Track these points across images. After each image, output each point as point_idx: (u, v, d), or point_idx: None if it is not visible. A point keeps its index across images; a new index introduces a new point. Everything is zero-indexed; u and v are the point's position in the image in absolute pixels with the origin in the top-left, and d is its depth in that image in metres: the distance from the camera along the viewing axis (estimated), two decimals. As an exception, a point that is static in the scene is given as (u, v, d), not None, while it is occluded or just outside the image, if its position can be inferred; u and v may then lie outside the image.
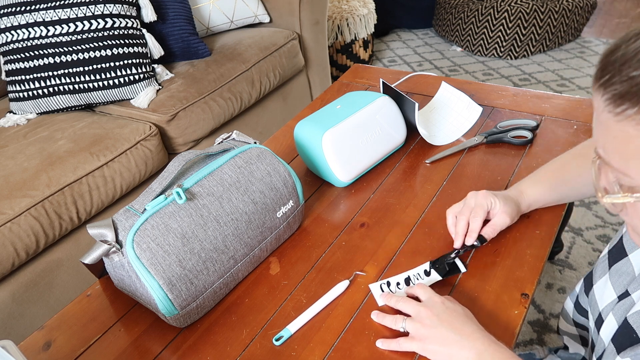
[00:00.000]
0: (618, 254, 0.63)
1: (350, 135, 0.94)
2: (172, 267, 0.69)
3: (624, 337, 0.57)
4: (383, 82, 1.08)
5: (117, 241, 0.70)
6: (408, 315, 0.68)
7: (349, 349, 0.69)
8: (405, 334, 0.68)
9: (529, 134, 1.03)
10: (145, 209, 0.70)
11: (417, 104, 1.01)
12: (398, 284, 0.76)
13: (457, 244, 0.79)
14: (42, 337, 0.75)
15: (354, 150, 0.95)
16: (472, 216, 0.78)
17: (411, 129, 1.07)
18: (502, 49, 2.89)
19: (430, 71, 2.86)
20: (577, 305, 0.72)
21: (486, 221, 0.80)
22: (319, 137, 0.93)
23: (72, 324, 0.77)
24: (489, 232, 0.79)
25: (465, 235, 0.79)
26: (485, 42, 2.91)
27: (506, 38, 2.85)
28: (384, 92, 1.08)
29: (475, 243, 0.78)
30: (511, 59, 2.91)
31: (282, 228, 0.83)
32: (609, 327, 0.60)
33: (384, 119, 0.99)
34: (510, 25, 2.80)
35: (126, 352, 0.72)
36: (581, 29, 3.00)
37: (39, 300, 1.39)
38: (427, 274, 0.77)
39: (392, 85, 1.11)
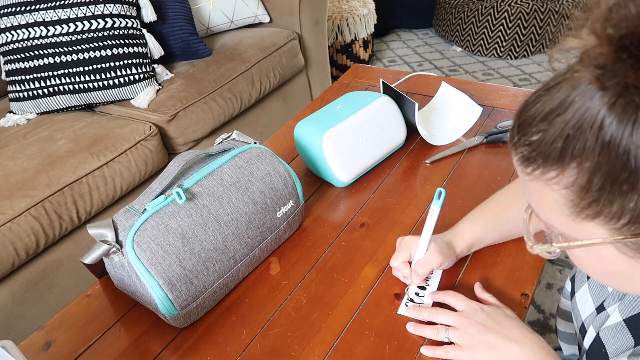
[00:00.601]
0: None
1: (350, 135, 0.94)
2: (172, 267, 0.69)
3: (594, 350, 0.58)
4: (383, 82, 1.08)
5: (117, 241, 0.70)
6: (447, 325, 0.68)
7: (349, 349, 0.69)
8: (447, 343, 0.67)
9: (529, 134, 1.03)
10: (145, 209, 0.70)
11: (417, 104, 1.01)
12: (417, 294, 0.75)
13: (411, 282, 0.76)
14: (42, 337, 0.75)
15: (354, 150, 0.95)
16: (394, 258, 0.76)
17: (411, 129, 1.07)
18: (502, 49, 2.89)
19: (430, 71, 2.86)
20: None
21: None
22: (319, 137, 0.92)
23: (72, 324, 0.77)
24: (419, 270, 0.74)
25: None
26: (485, 42, 2.91)
27: (506, 38, 2.85)
28: (384, 92, 1.08)
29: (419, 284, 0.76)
30: (511, 59, 2.91)
31: (282, 228, 0.83)
32: (589, 339, 0.61)
33: (384, 119, 0.99)
34: (510, 25, 2.81)
35: (126, 352, 0.72)
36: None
37: (39, 300, 1.39)
38: (426, 286, 0.76)
39: (392, 85, 1.11)
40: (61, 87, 1.60)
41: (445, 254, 0.74)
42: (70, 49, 1.57)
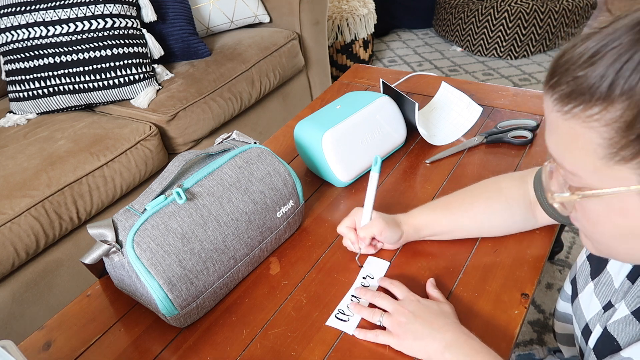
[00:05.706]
0: (598, 262, 0.63)
1: (350, 135, 0.94)
2: (172, 267, 0.69)
3: (604, 345, 0.58)
4: (383, 82, 1.08)
5: (117, 241, 0.70)
6: (384, 310, 0.71)
7: (349, 349, 0.69)
8: (381, 327, 0.70)
9: (529, 134, 1.03)
10: (145, 209, 0.70)
11: (417, 104, 1.01)
12: (365, 277, 0.79)
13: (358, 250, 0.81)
14: (42, 337, 0.75)
15: (354, 150, 0.95)
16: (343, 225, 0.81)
17: (411, 129, 1.07)
18: (502, 49, 2.89)
19: (430, 71, 2.86)
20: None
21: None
22: (319, 137, 0.93)
23: (72, 324, 0.77)
24: (360, 233, 0.79)
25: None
26: (485, 42, 2.91)
27: (506, 38, 2.85)
28: (384, 92, 1.08)
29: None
30: (511, 59, 2.91)
31: (282, 228, 0.83)
32: (595, 336, 0.61)
33: (384, 119, 0.99)
34: (510, 25, 2.81)
35: (126, 352, 0.72)
36: (581, 29, 3.00)
37: (39, 300, 1.39)
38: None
39: (392, 85, 1.11)
40: (61, 87, 1.60)
41: (389, 224, 0.77)
42: (70, 49, 1.57)
